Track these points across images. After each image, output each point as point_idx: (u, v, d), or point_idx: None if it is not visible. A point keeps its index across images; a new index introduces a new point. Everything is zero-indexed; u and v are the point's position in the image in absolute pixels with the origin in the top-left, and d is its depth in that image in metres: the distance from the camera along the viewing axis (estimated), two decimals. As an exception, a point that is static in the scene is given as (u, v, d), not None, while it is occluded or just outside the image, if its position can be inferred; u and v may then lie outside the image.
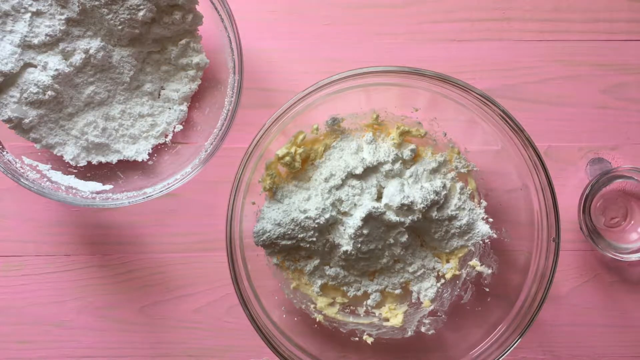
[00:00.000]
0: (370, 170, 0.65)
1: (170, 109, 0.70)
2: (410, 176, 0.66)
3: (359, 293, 0.68)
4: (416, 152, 0.67)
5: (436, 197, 0.64)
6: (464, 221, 0.66)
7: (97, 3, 0.62)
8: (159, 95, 0.70)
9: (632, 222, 0.73)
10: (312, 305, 0.68)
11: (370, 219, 0.63)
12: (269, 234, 0.63)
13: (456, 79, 0.61)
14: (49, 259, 0.73)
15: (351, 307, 0.69)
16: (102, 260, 0.73)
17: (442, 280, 0.69)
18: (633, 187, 0.73)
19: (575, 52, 0.74)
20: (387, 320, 0.68)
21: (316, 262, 0.66)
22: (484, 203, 0.68)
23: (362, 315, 0.69)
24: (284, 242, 0.64)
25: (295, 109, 0.62)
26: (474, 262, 0.68)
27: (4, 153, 0.65)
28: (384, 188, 0.65)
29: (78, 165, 0.67)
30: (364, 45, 0.73)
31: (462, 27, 0.74)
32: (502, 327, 0.64)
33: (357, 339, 0.67)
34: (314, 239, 0.64)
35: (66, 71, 0.63)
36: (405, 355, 0.68)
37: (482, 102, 0.62)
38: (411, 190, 0.64)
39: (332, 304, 0.68)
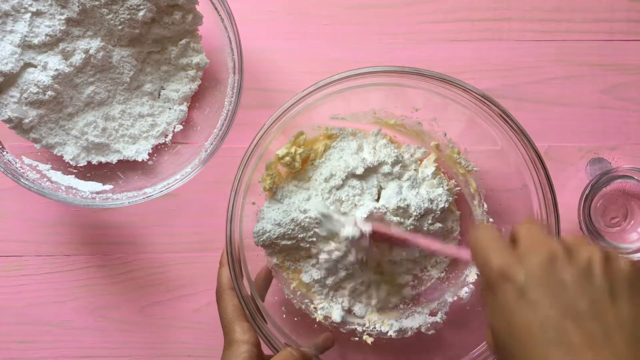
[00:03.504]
0: (370, 171, 0.65)
1: (170, 109, 0.70)
2: (408, 179, 0.66)
3: (359, 293, 0.68)
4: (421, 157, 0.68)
5: (430, 206, 0.63)
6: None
7: (97, 3, 0.62)
8: (159, 95, 0.70)
9: (632, 222, 0.73)
10: (312, 305, 0.68)
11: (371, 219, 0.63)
12: (269, 234, 0.63)
13: (456, 79, 0.61)
14: (49, 259, 0.73)
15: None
16: (102, 260, 0.73)
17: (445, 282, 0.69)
18: (633, 187, 0.73)
19: (575, 52, 0.74)
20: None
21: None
22: (485, 206, 0.68)
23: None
24: (284, 242, 0.64)
25: (295, 109, 0.62)
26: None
27: (4, 153, 0.65)
28: (383, 189, 0.65)
29: (78, 165, 0.67)
30: (364, 45, 0.73)
31: (462, 27, 0.74)
32: (502, 327, 0.64)
33: (357, 339, 0.67)
34: (314, 239, 0.64)
35: (66, 71, 0.63)
36: (405, 355, 0.68)
37: (482, 102, 0.62)
38: (409, 193, 0.64)
39: (332, 304, 0.68)
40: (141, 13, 0.63)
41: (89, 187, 0.67)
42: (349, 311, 0.69)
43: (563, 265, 0.39)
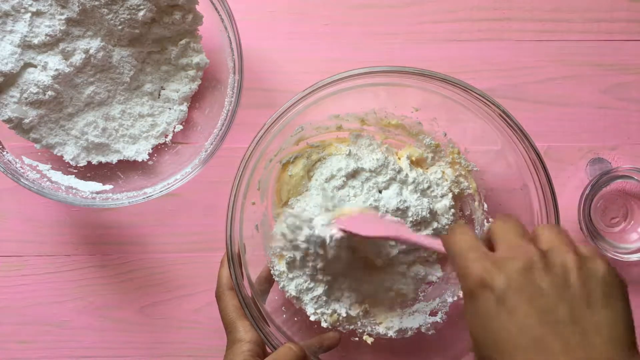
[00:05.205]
0: (371, 172, 0.65)
1: (170, 109, 0.70)
2: (412, 183, 0.65)
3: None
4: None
5: (428, 216, 0.63)
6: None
7: (97, 3, 0.62)
8: (159, 95, 0.70)
9: (632, 222, 0.73)
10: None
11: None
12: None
13: (456, 79, 0.61)
14: (49, 259, 0.73)
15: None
16: (102, 260, 0.73)
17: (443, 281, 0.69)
18: (633, 187, 0.73)
19: (575, 52, 0.74)
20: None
21: (316, 262, 0.66)
22: (485, 206, 0.68)
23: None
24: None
25: (295, 109, 0.62)
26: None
27: (4, 153, 0.65)
28: (385, 190, 0.65)
29: (78, 165, 0.67)
30: (364, 45, 0.73)
31: (462, 27, 0.74)
32: (502, 327, 0.64)
33: (357, 339, 0.67)
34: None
35: (66, 71, 0.63)
36: (405, 355, 0.68)
37: (482, 102, 0.62)
38: (411, 196, 0.64)
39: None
40: (141, 13, 0.63)
41: (89, 187, 0.67)
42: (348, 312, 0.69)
43: (539, 272, 0.40)
